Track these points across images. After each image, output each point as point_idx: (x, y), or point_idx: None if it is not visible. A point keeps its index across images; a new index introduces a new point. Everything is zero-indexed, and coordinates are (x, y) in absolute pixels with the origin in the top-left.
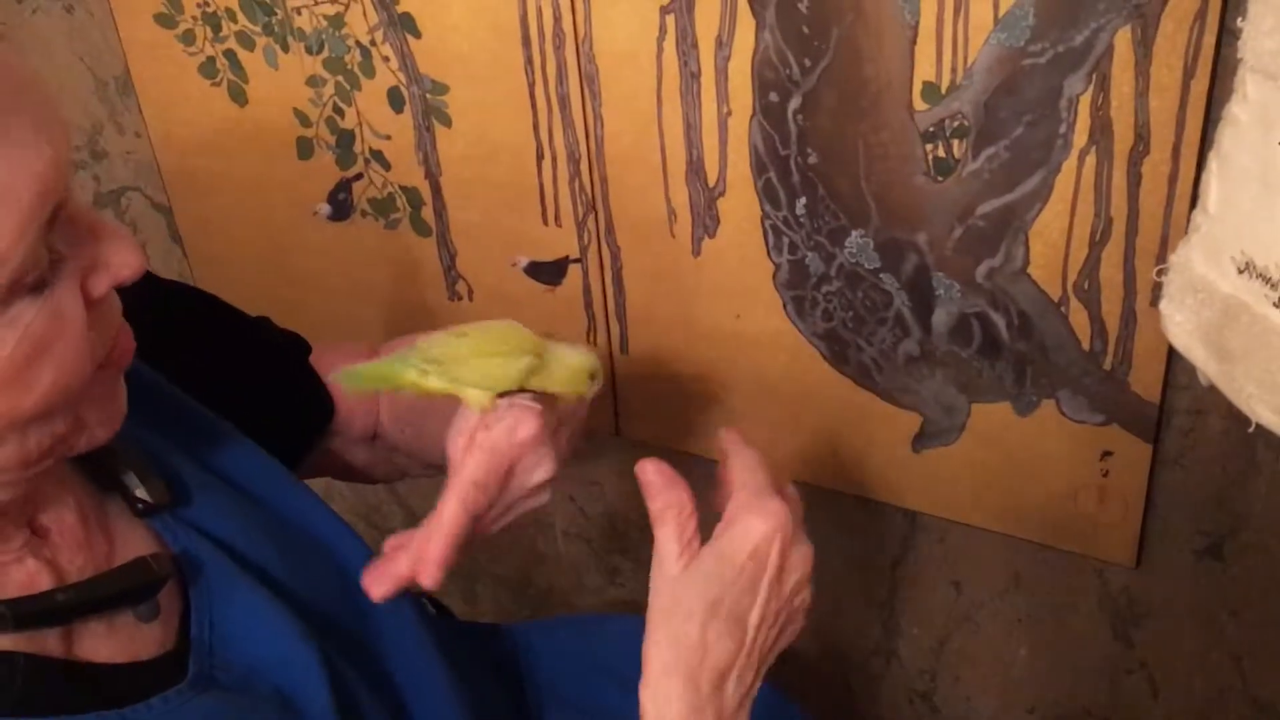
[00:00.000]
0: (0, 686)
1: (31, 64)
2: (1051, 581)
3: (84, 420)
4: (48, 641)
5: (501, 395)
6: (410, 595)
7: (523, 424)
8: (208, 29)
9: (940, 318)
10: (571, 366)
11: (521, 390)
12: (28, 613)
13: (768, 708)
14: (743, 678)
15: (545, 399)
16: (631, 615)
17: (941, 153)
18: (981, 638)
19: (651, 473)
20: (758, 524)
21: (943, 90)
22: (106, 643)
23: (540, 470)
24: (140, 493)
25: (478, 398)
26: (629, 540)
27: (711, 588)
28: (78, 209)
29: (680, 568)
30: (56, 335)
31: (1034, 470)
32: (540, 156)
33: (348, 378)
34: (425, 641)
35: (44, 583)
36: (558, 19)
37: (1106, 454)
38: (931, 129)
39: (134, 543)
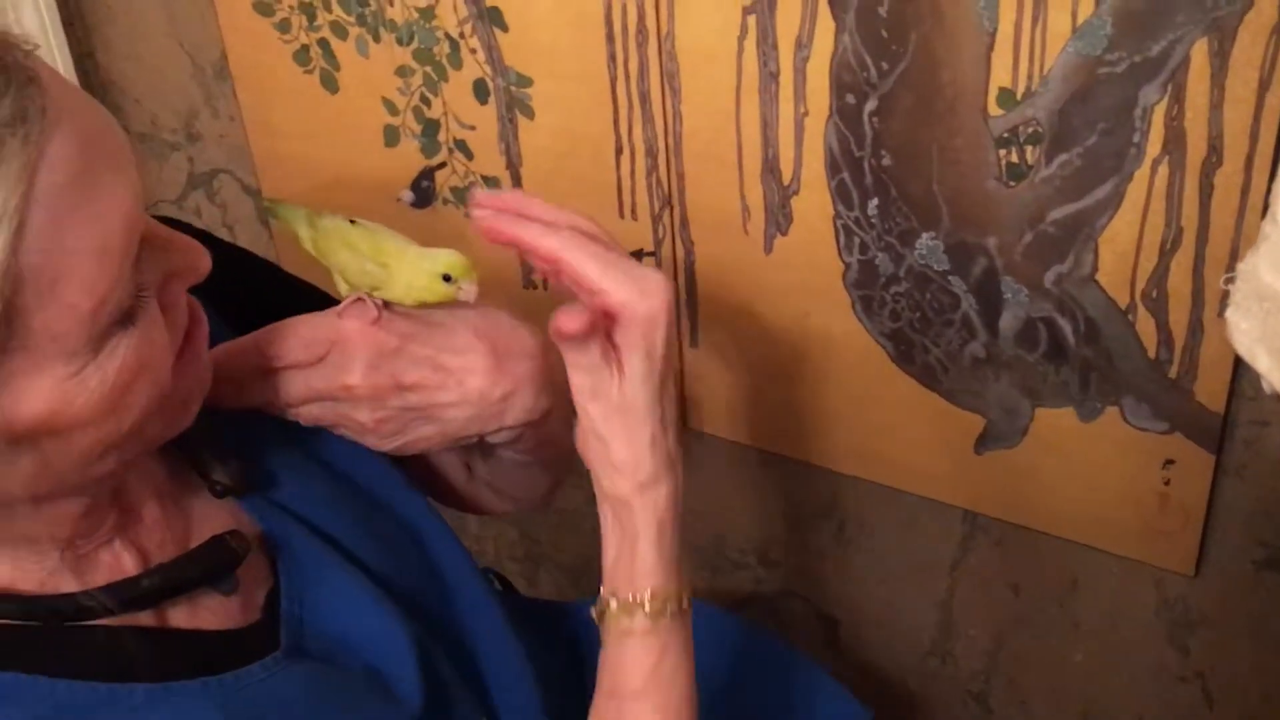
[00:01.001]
0: (110, 658)
1: (88, 97)
2: (1110, 587)
3: (166, 419)
4: (140, 616)
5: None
6: (479, 572)
7: (326, 324)
8: (303, 18)
9: (1007, 321)
10: (422, 272)
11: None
12: (123, 600)
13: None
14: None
15: (400, 308)
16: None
17: (1014, 158)
18: (1038, 641)
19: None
20: (648, 306)
21: (1018, 97)
22: (192, 614)
23: (344, 374)
24: (218, 475)
25: (338, 283)
26: (691, 529)
27: (651, 390)
28: (149, 228)
29: (618, 388)
30: (148, 359)
31: (1095, 476)
32: (619, 151)
33: (272, 205)
34: (502, 620)
35: (129, 563)
36: (641, 16)
37: (1169, 462)
38: (1005, 134)
39: (211, 521)
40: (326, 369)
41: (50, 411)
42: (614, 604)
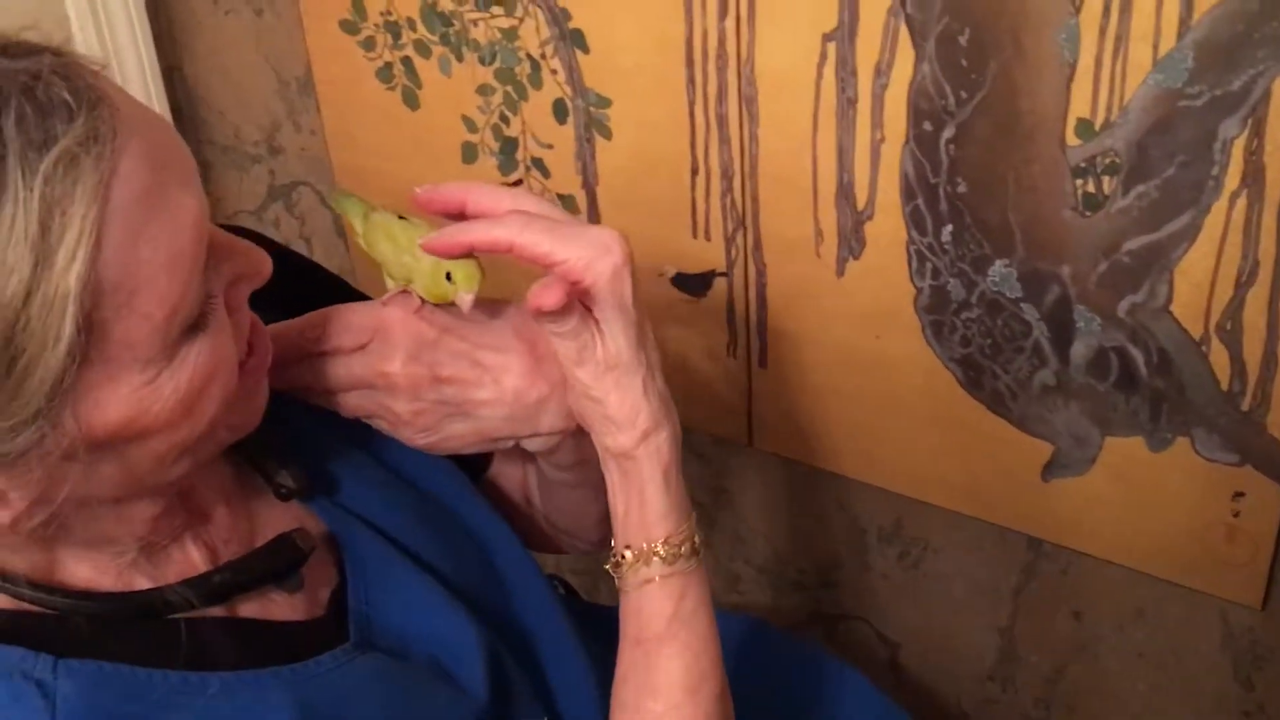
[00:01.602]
0: (186, 648)
1: (153, 112)
2: (1175, 618)
3: (234, 420)
4: (211, 610)
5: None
6: (544, 576)
7: (370, 311)
8: (388, 36)
9: (1079, 350)
10: (435, 266)
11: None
12: (190, 596)
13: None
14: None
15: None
16: (747, 616)
17: (1091, 188)
18: (1100, 669)
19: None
20: (609, 262)
21: (1097, 127)
22: (262, 610)
23: (383, 361)
24: (281, 478)
25: (385, 278)
26: (753, 549)
27: (631, 340)
28: (214, 235)
29: (601, 347)
30: (218, 364)
31: (1163, 506)
32: (695, 172)
33: (337, 196)
34: (566, 624)
35: (199, 561)
36: (722, 41)
37: (1238, 494)
38: (1083, 164)
39: (276, 521)
40: (368, 356)
41: (128, 419)
42: (629, 555)
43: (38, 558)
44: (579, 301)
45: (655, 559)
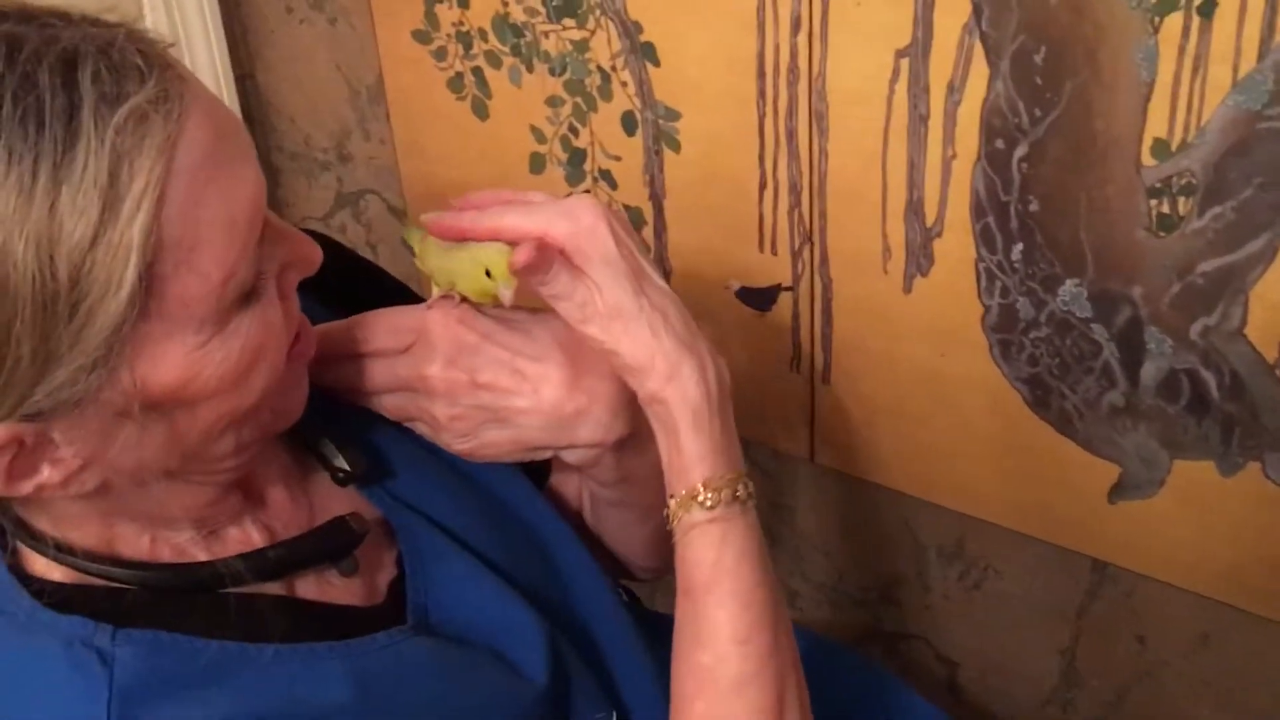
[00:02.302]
0: (243, 620)
1: (225, 105)
2: (1242, 646)
3: (275, 410)
4: (271, 587)
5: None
6: (606, 576)
7: (413, 314)
8: (460, 46)
9: (1149, 371)
10: (473, 262)
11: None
12: (247, 570)
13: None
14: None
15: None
16: (804, 630)
17: (1166, 209)
18: (1163, 695)
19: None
20: (576, 223)
21: (1173, 148)
22: (320, 591)
23: (424, 364)
24: (339, 462)
25: (434, 288)
26: (812, 565)
27: (627, 287)
28: (269, 218)
29: (600, 298)
30: (268, 339)
31: (1233, 531)
32: (763, 186)
33: (406, 229)
34: (628, 622)
35: (258, 540)
36: (794, 55)
37: None
38: (1158, 185)
39: (333, 507)
40: (410, 358)
41: (181, 381)
42: (673, 503)
43: (97, 531)
44: (568, 261)
45: (695, 505)
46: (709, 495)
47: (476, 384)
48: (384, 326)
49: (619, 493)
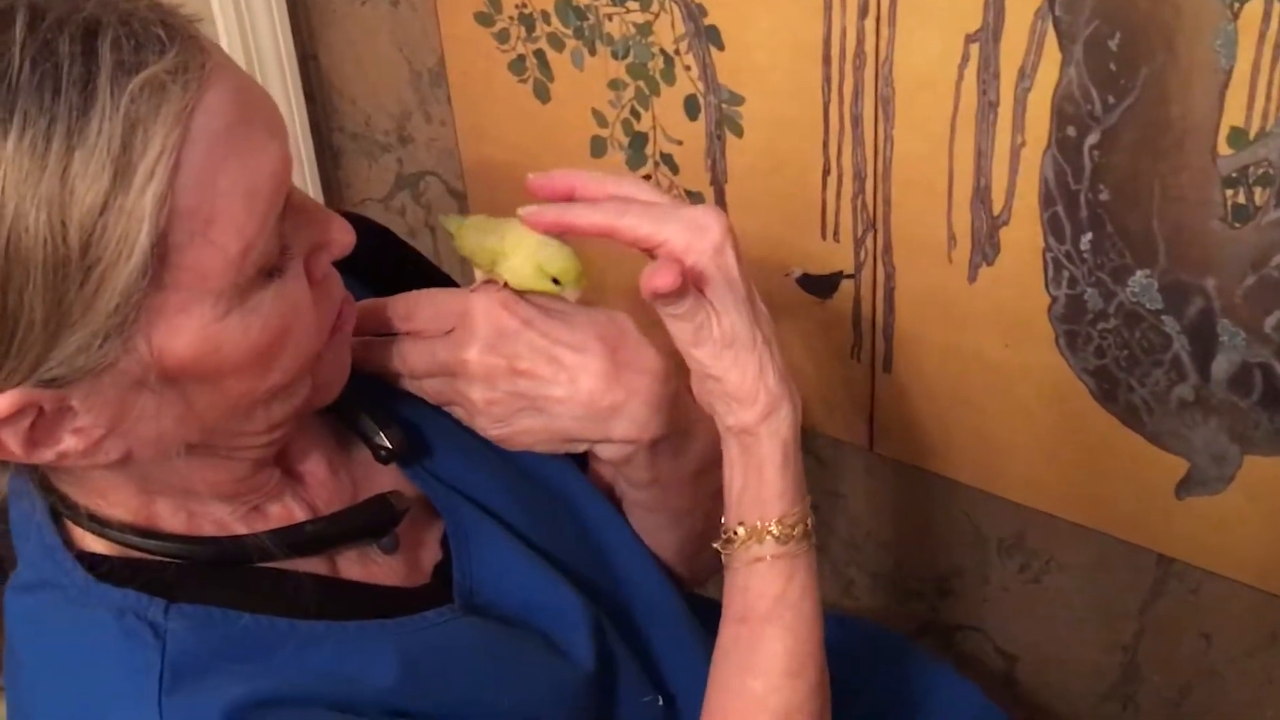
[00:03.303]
0: (287, 597)
1: (247, 72)
2: None
3: (316, 385)
4: (313, 564)
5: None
6: (653, 560)
7: (457, 298)
8: (522, 29)
9: (1220, 365)
10: (533, 261)
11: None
12: (286, 543)
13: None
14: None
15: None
16: (861, 620)
17: (1242, 199)
18: (1227, 694)
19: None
20: (709, 240)
21: (1251, 136)
22: (364, 570)
23: (463, 348)
24: (380, 440)
25: (475, 270)
26: (868, 554)
27: (745, 315)
28: (298, 197)
29: (716, 325)
30: (292, 318)
31: None
32: (826, 172)
33: (447, 217)
34: (678, 608)
35: (299, 516)
36: (860, 40)
37: None
38: (1234, 174)
39: (375, 484)
40: (449, 342)
41: (199, 353)
42: (741, 531)
43: (136, 505)
44: (691, 283)
45: (768, 537)
46: (783, 531)
47: (515, 370)
48: (426, 307)
49: (650, 495)
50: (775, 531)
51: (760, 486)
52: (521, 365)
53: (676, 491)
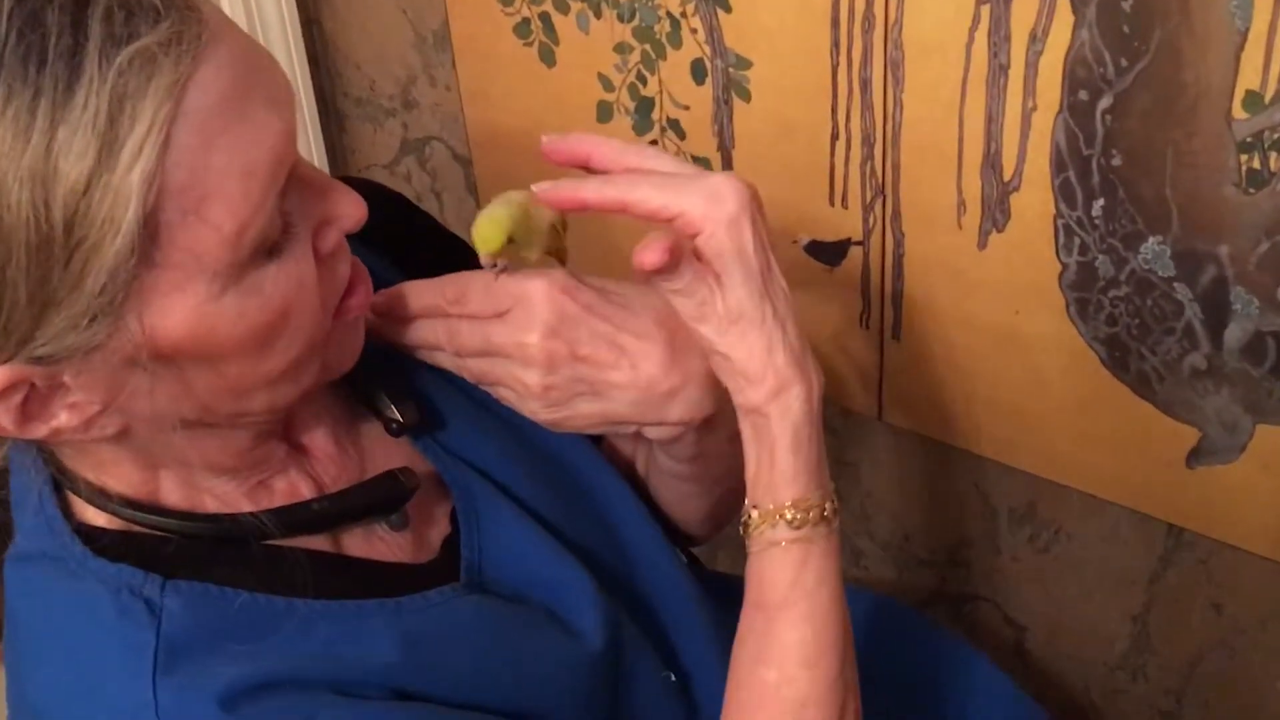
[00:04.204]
0: (287, 575)
1: (255, 40)
2: None
3: (328, 362)
4: (316, 541)
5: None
6: (664, 537)
7: (513, 279)
8: None
9: (1233, 333)
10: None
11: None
12: (289, 522)
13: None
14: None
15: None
16: (870, 592)
17: (1257, 164)
18: (1237, 664)
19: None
20: (724, 211)
21: (1266, 100)
22: (368, 546)
23: (523, 332)
24: (391, 413)
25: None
26: (876, 524)
27: (754, 291)
28: (304, 170)
29: (721, 300)
30: (295, 299)
31: None
32: (835, 138)
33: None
34: (688, 585)
35: (305, 492)
36: (869, 3)
37: None
38: (1249, 139)
39: (385, 459)
40: (507, 325)
41: (194, 334)
42: (755, 515)
43: (140, 479)
44: (693, 255)
45: (781, 522)
46: (796, 515)
47: (576, 355)
48: (481, 288)
49: (693, 469)
50: (788, 516)
51: (772, 469)
52: (583, 351)
53: (715, 463)
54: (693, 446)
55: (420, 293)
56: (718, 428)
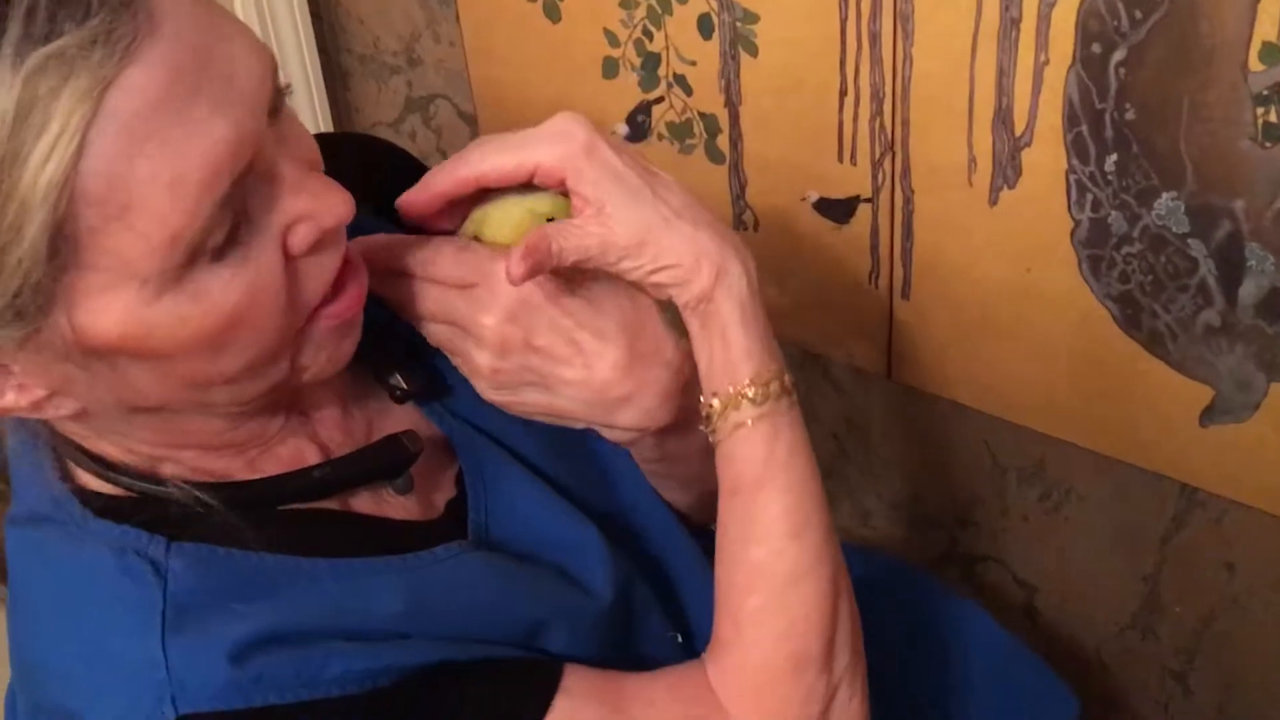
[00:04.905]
0: (293, 536)
1: (227, 30)
2: None
3: (303, 364)
4: (323, 502)
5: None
6: (664, 501)
7: (484, 255)
8: None
9: (1248, 290)
10: (526, 208)
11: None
12: (290, 490)
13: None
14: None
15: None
16: (877, 552)
17: (1273, 117)
18: (1250, 624)
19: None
20: (577, 143)
21: None
22: (376, 507)
23: (482, 310)
24: (396, 380)
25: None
26: (886, 484)
27: (641, 206)
28: (271, 168)
29: (611, 226)
30: (248, 304)
31: None
32: (843, 93)
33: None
34: (693, 547)
35: (311, 457)
36: None
37: None
38: (1265, 92)
39: (391, 424)
40: (468, 299)
41: (125, 336)
42: (717, 403)
43: (136, 447)
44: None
45: (744, 401)
46: (758, 391)
47: (531, 345)
48: (452, 257)
49: (660, 468)
50: (750, 394)
51: (726, 351)
52: (539, 341)
53: (685, 465)
54: (654, 449)
55: (393, 248)
56: (684, 435)
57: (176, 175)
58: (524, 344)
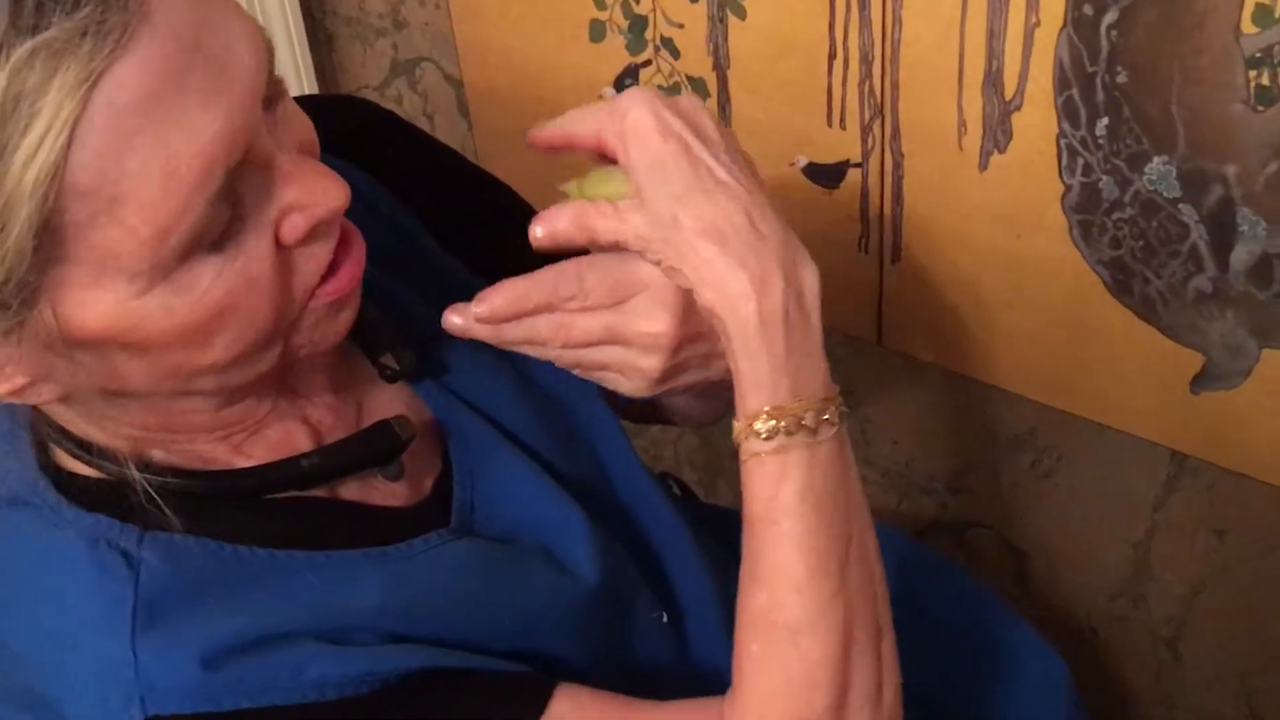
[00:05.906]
0: (275, 527)
1: (221, 20)
2: None
3: (296, 345)
4: (309, 490)
5: None
6: (656, 476)
7: (628, 265)
8: None
9: (1240, 256)
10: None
11: None
12: (276, 480)
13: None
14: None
15: None
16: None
17: (1266, 81)
18: (1239, 592)
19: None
20: (618, 123)
21: (1276, 14)
22: (363, 492)
23: (651, 321)
24: (387, 360)
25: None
26: (877, 451)
27: (670, 190)
28: (265, 157)
29: (639, 215)
30: (239, 294)
31: None
32: (832, 56)
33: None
34: (680, 524)
35: (300, 440)
36: None
37: None
38: (1258, 55)
39: (383, 405)
40: (628, 315)
41: (112, 328)
42: (736, 426)
43: (122, 431)
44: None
45: (753, 435)
46: (767, 425)
47: (699, 335)
48: (599, 278)
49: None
50: (758, 428)
51: (737, 375)
52: (703, 329)
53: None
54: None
55: (526, 294)
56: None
57: (168, 170)
58: (695, 336)
